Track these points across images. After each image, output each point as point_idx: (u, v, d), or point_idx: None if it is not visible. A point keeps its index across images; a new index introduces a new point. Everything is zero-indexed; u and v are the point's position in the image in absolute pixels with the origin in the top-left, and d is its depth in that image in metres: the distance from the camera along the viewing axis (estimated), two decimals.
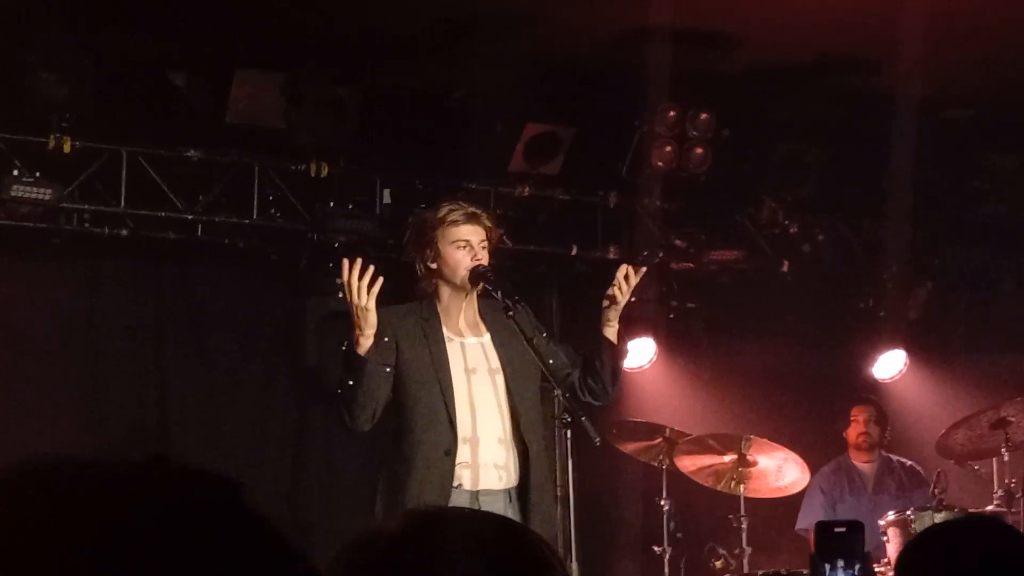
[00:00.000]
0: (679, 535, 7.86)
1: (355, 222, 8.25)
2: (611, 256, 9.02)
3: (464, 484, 5.60)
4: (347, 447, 7.96)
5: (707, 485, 8.00)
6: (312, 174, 8.21)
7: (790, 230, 9.31)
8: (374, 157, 8.40)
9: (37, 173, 7.65)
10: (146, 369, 8.30)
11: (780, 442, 7.94)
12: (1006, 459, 7.84)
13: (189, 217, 8.14)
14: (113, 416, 8.16)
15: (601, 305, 5.94)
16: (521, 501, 5.69)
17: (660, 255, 9.08)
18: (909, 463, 8.89)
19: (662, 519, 7.79)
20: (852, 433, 8.88)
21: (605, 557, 8.67)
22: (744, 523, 7.67)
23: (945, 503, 7.37)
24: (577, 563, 5.64)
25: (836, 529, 2.60)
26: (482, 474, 5.63)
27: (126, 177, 7.94)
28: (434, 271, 5.82)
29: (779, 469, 8.01)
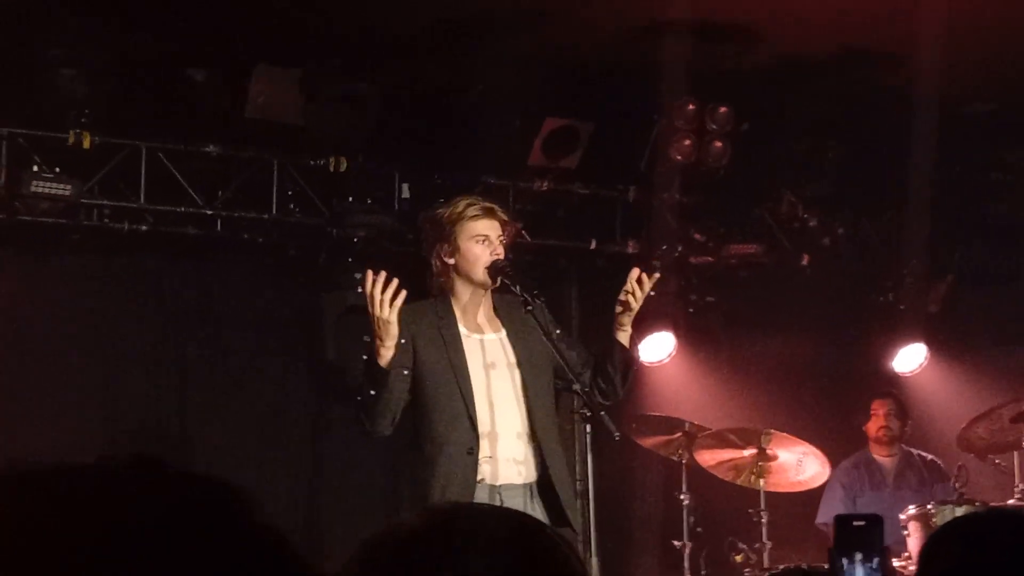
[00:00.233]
0: (699, 529, 7.85)
1: (373, 217, 8.26)
2: (630, 250, 9.02)
3: (486, 479, 5.60)
4: (366, 442, 7.96)
5: (727, 479, 7.99)
6: (331, 169, 8.22)
7: (810, 224, 9.29)
8: (392, 152, 8.40)
9: (57, 169, 7.67)
10: (165, 364, 8.31)
11: (800, 436, 7.92)
12: None
13: (208, 212, 8.15)
14: (131, 411, 8.19)
15: (615, 307, 5.92)
16: (542, 496, 5.68)
17: (679, 249, 9.07)
18: (930, 457, 8.87)
19: (682, 514, 7.78)
20: (872, 427, 8.86)
21: (625, 552, 8.66)
22: (764, 517, 7.66)
23: (966, 497, 7.34)
24: (596, 558, 5.62)
25: (855, 523, 2.58)
26: (502, 469, 5.62)
27: (145, 173, 7.96)
28: (451, 266, 5.81)
29: (799, 463, 8.00)
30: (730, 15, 7.66)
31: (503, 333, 5.84)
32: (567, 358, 5.66)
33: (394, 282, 5.46)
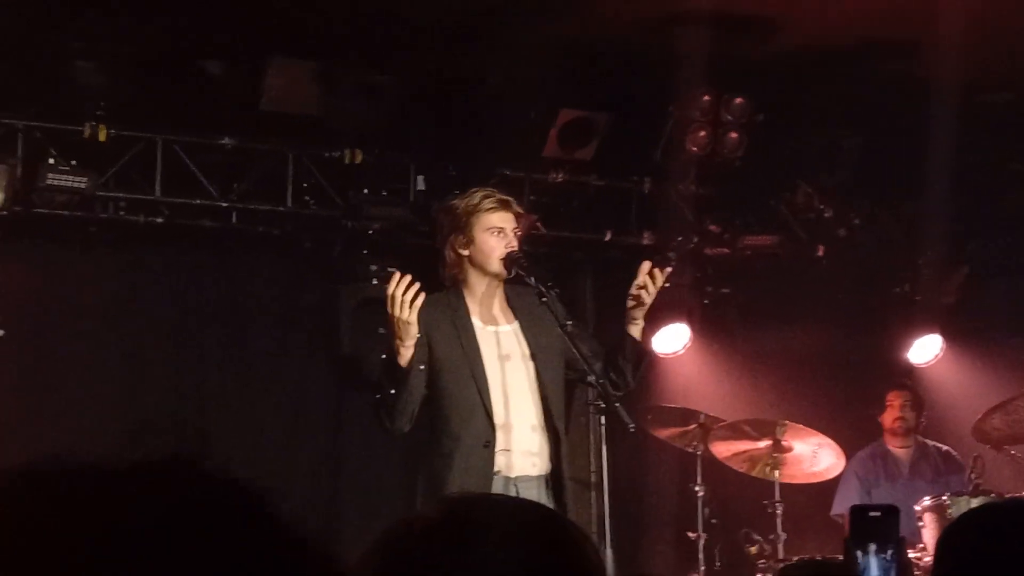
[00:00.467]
0: (714, 521, 7.86)
1: (389, 209, 8.27)
2: (645, 242, 9.01)
3: (502, 471, 5.61)
4: (384, 434, 7.96)
5: (742, 471, 7.99)
6: (346, 161, 8.23)
7: (825, 215, 9.27)
8: (408, 144, 8.40)
9: (73, 161, 7.69)
10: (181, 356, 8.33)
11: (815, 427, 7.92)
12: None
13: (224, 205, 8.17)
14: (147, 402, 8.19)
15: (627, 301, 5.90)
16: (555, 488, 5.69)
17: (694, 240, 9.06)
18: (945, 448, 8.85)
19: (696, 505, 7.79)
20: (888, 418, 8.84)
21: (639, 543, 8.67)
22: (779, 509, 7.66)
23: (981, 488, 7.33)
24: (611, 549, 5.63)
25: (871, 513, 2.58)
26: (517, 460, 5.63)
27: (161, 165, 7.98)
28: (465, 257, 5.81)
29: (814, 455, 7.99)
30: (746, 5, 7.64)
31: (516, 324, 5.84)
32: (582, 350, 5.66)
33: (416, 286, 5.44)
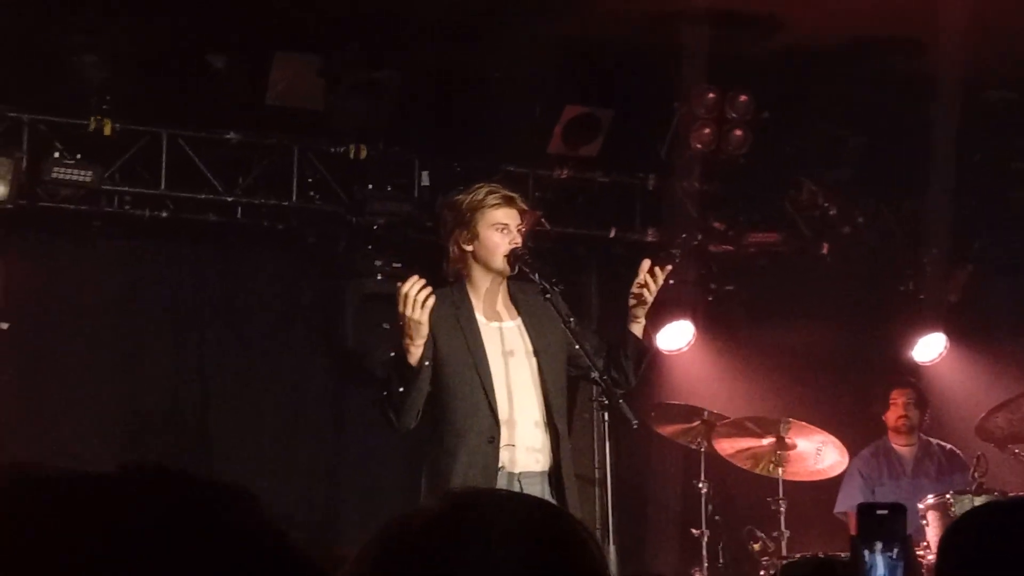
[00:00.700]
0: (717, 518, 7.85)
1: (393, 204, 8.27)
2: (650, 238, 9.01)
3: (505, 466, 5.60)
4: (386, 430, 7.96)
5: (745, 468, 7.98)
6: (351, 156, 8.23)
7: (830, 212, 9.27)
8: (412, 139, 8.41)
9: (78, 155, 7.69)
10: (185, 350, 8.34)
11: (819, 425, 7.91)
12: None
13: (228, 199, 8.17)
14: (150, 397, 8.21)
15: (629, 299, 5.89)
16: (557, 485, 5.69)
17: (699, 237, 9.06)
18: (949, 446, 8.84)
19: (700, 502, 7.78)
20: (891, 416, 8.83)
21: (643, 540, 8.67)
22: (782, 506, 7.65)
23: (985, 487, 7.32)
24: (614, 546, 5.63)
25: (878, 512, 2.57)
26: (521, 456, 5.62)
27: (166, 159, 7.98)
28: (469, 253, 5.80)
29: (818, 452, 7.99)
30: (750, 3, 7.64)
31: (520, 321, 5.83)
32: (585, 346, 5.66)
33: (428, 288, 5.44)
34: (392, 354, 5.60)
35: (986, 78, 8.52)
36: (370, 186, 8.26)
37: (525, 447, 5.63)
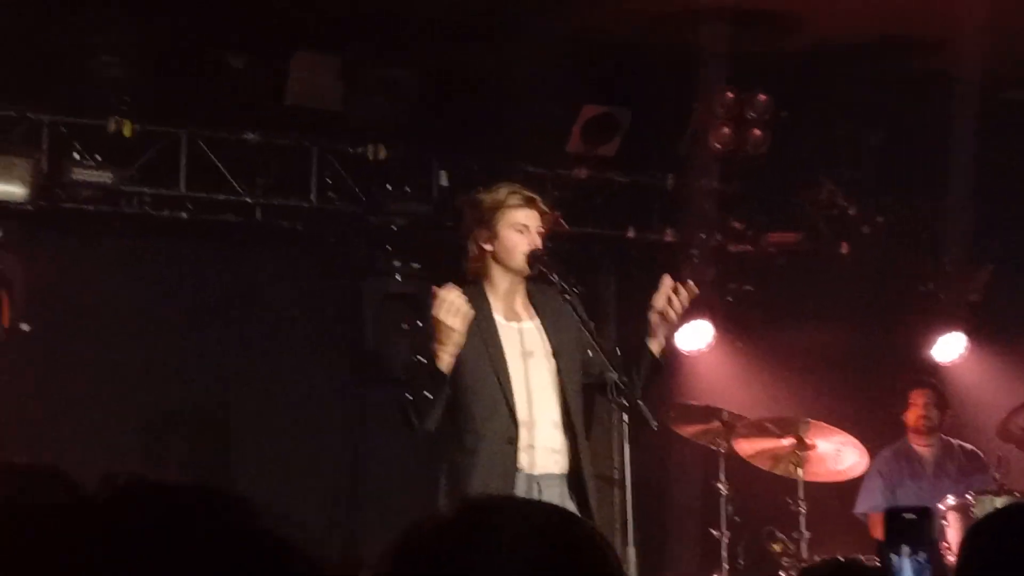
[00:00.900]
0: (737, 519, 7.84)
1: (412, 204, 8.27)
2: (668, 239, 9.01)
3: (524, 468, 5.59)
4: (405, 430, 7.96)
5: (765, 469, 7.97)
6: (369, 157, 8.24)
7: (849, 212, 9.25)
8: (431, 139, 8.41)
9: (98, 156, 7.71)
10: (205, 351, 8.34)
11: (839, 425, 7.90)
12: None
13: (248, 200, 8.18)
14: (171, 398, 8.23)
15: (649, 314, 5.83)
16: (577, 487, 5.67)
17: (717, 237, 9.05)
18: (969, 447, 8.81)
19: (720, 503, 7.77)
20: (911, 417, 8.81)
21: (662, 541, 8.65)
22: (803, 507, 7.64)
23: (1006, 487, 7.31)
24: (634, 547, 5.61)
25: (905, 515, 2.56)
26: (540, 458, 5.61)
27: (185, 160, 8.00)
28: (488, 252, 5.79)
29: (837, 453, 7.97)
30: (769, 2, 7.63)
31: (538, 321, 5.82)
32: (604, 347, 5.65)
33: (465, 299, 5.43)
34: (418, 358, 5.57)
35: (1006, 78, 8.49)
36: (389, 186, 8.26)
37: (545, 448, 5.62)
